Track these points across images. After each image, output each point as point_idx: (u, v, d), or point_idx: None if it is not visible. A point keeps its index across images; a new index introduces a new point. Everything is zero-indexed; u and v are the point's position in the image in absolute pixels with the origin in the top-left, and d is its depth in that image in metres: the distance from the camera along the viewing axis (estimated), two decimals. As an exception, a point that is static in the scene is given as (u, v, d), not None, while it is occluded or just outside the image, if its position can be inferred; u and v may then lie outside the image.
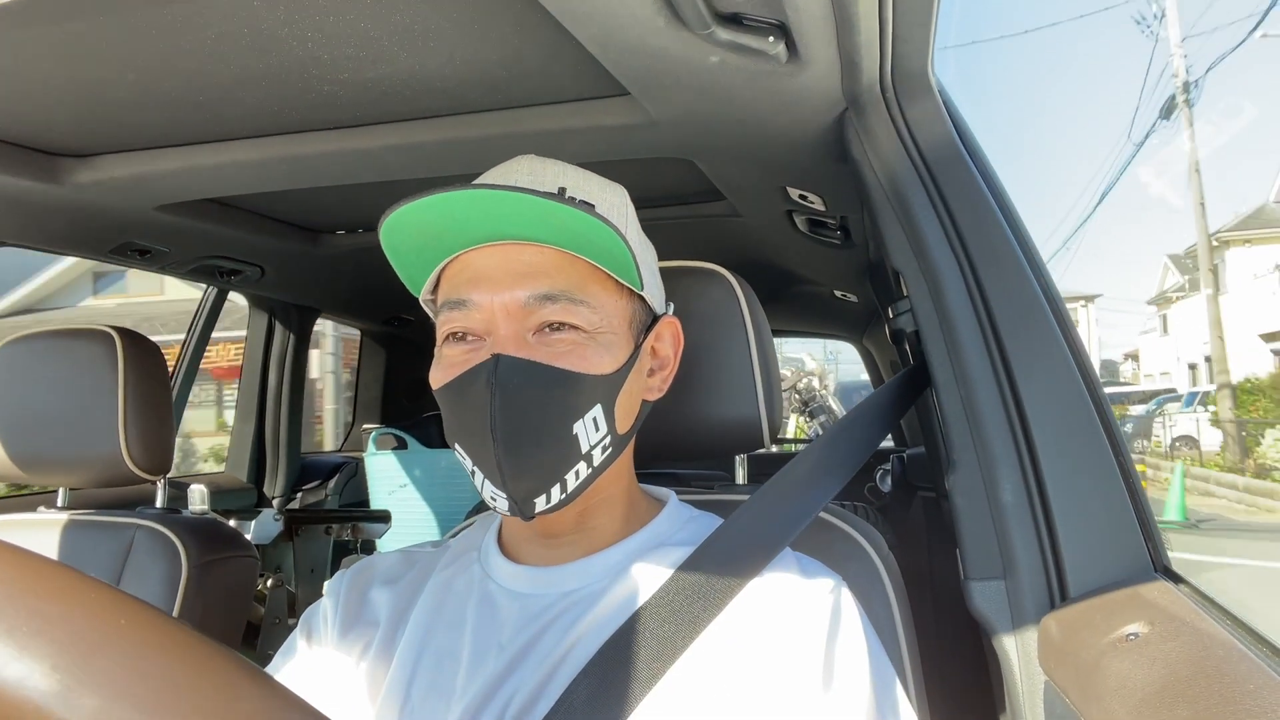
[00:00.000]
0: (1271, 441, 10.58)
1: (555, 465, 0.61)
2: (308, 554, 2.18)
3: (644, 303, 0.68)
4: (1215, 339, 12.77)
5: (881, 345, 2.86)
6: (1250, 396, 12.67)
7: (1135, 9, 15.36)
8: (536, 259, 0.61)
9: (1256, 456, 11.01)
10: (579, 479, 0.62)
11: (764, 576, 0.65)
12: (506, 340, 0.60)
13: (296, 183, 1.21)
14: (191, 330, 2.24)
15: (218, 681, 0.29)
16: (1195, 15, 31.42)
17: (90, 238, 1.44)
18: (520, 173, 0.65)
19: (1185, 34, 12.54)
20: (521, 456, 0.60)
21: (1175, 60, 12.55)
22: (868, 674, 0.60)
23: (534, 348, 0.61)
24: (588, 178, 0.67)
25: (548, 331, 0.61)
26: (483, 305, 0.61)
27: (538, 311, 0.61)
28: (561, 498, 0.62)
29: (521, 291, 0.60)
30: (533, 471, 0.60)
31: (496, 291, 0.61)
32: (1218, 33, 28.18)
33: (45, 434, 1.19)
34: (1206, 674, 0.48)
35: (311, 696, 0.66)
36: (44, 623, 0.27)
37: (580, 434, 0.61)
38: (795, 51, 0.77)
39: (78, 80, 0.90)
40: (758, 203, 1.37)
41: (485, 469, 0.61)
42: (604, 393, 0.62)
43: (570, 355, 0.61)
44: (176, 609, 1.14)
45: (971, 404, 0.75)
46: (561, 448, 0.61)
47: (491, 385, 0.59)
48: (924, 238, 0.80)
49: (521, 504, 0.61)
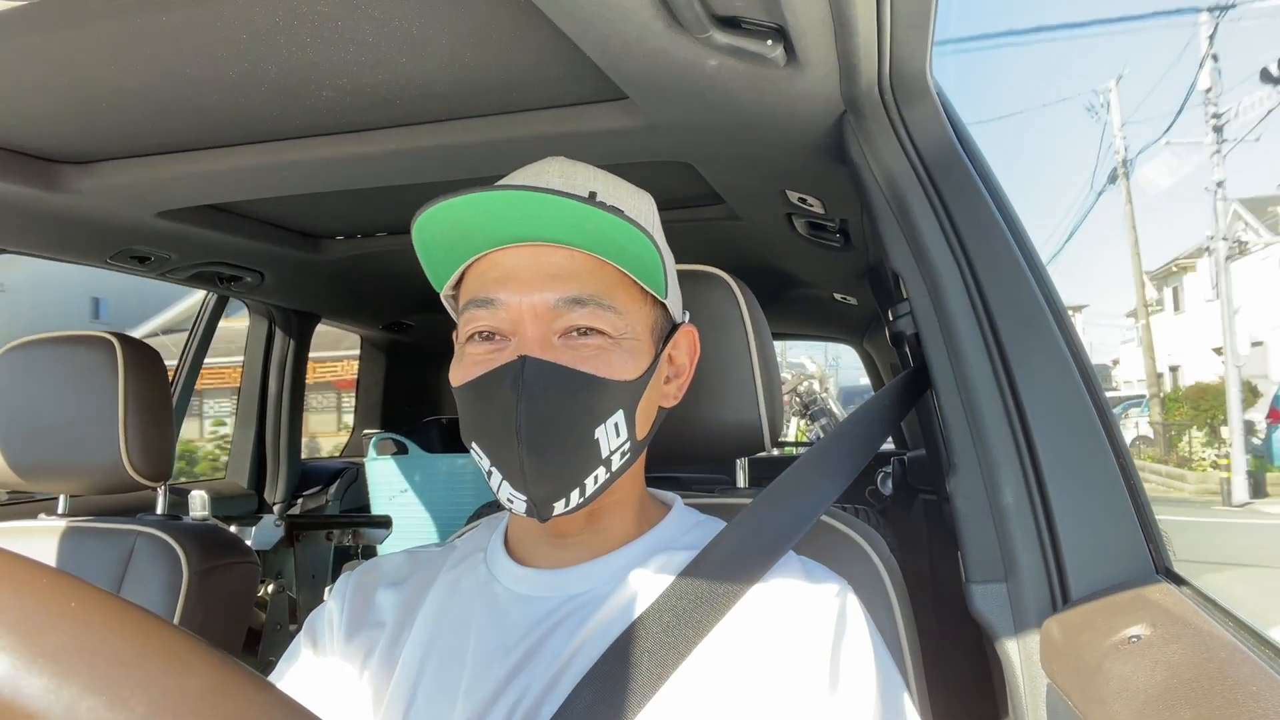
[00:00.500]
0: (1187, 440, 14.41)
1: (576, 469, 0.61)
2: (309, 560, 2.17)
3: (665, 311, 0.68)
4: (1147, 359, 16.35)
5: (881, 348, 2.86)
6: (1175, 404, 15.90)
7: (1086, 100, 19.79)
8: (566, 262, 0.61)
9: (1179, 450, 14.61)
10: (597, 483, 0.62)
11: (768, 580, 0.65)
12: (533, 342, 0.60)
13: (296, 188, 1.21)
14: (191, 337, 2.24)
15: (168, 657, 0.29)
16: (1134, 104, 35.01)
17: (90, 244, 1.44)
18: (551, 174, 0.65)
19: (1124, 120, 16.25)
20: (544, 459, 0.59)
21: (1116, 140, 16.30)
22: (874, 678, 0.60)
23: (560, 351, 0.61)
24: (618, 184, 0.67)
25: (574, 336, 0.61)
26: (510, 305, 0.61)
27: (565, 315, 0.61)
28: (579, 501, 0.62)
29: (551, 294, 0.60)
30: (554, 475, 0.60)
31: (526, 292, 0.61)
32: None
33: (46, 441, 1.19)
34: (1209, 676, 0.48)
35: (318, 699, 0.66)
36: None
37: (601, 439, 0.61)
38: (793, 55, 0.77)
39: (77, 87, 0.90)
40: (757, 206, 1.38)
41: (506, 470, 0.61)
42: (626, 399, 0.62)
43: (595, 360, 0.61)
44: (177, 615, 1.13)
45: (972, 406, 0.75)
46: (583, 452, 0.61)
47: (518, 387, 0.58)
48: (923, 240, 0.80)
49: (540, 506, 0.61)
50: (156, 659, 0.28)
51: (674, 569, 0.65)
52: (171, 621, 0.31)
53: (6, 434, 1.20)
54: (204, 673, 0.29)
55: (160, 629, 0.29)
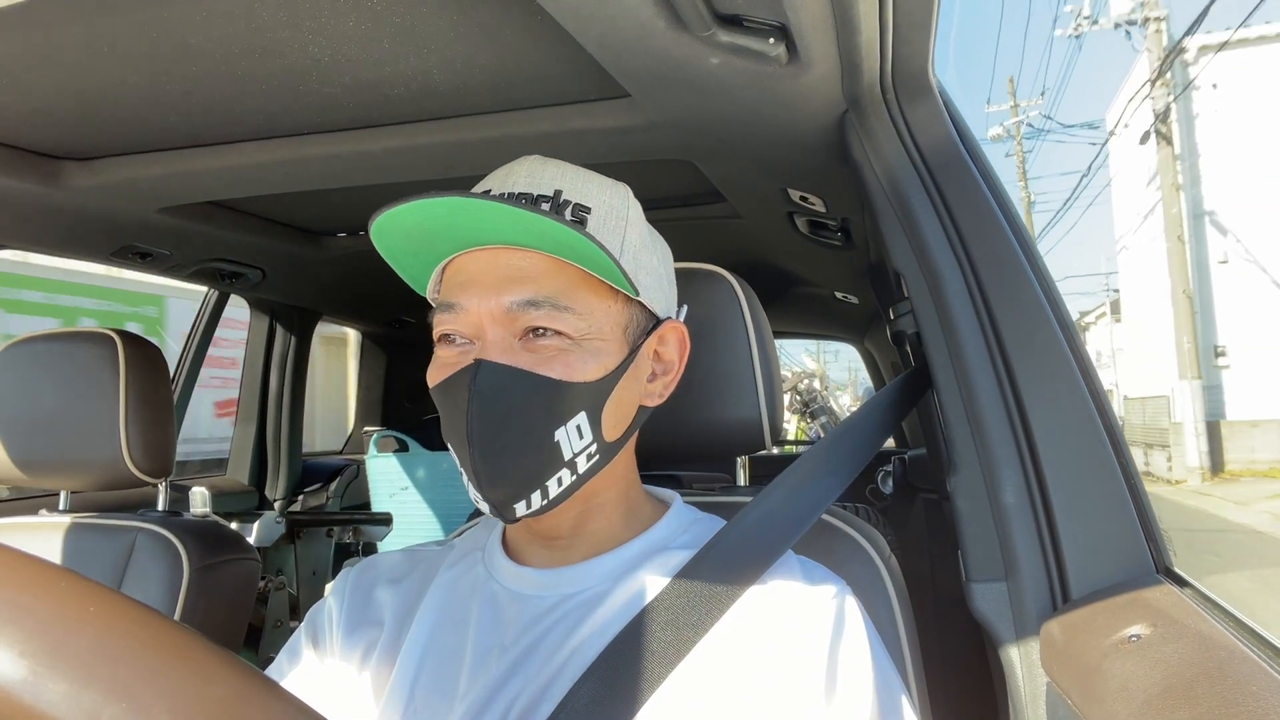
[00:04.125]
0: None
1: (535, 472, 0.61)
2: (309, 556, 2.18)
3: (643, 308, 0.67)
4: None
5: (883, 347, 2.85)
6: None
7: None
8: (524, 264, 0.61)
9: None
10: (561, 486, 0.62)
11: (766, 580, 0.65)
12: (492, 345, 0.60)
13: (297, 185, 1.21)
14: (192, 334, 2.24)
15: (189, 665, 0.29)
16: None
17: (91, 241, 1.44)
18: (519, 175, 0.65)
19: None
20: (496, 462, 0.60)
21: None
22: (871, 679, 0.60)
23: (519, 353, 0.61)
24: (588, 178, 0.66)
25: (532, 337, 0.61)
26: (470, 310, 0.61)
27: (521, 317, 0.61)
28: (544, 503, 0.62)
29: (506, 297, 0.61)
30: (509, 477, 0.60)
31: (484, 296, 0.61)
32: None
33: (46, 437, 1.19)
34: (1209, 676, 0.48)
35: (316, 696, 0.67)
36: (12, 611, 0.27)
37: (563, 441, 0.61)
38: (796, 53, 0.77)
39: (78, 83, 0.90)
40: (759, 204, 1.37)
41: (467, 472, 0.62)
42: (589, 400, 0.62)
43: (554, 362, 0.61)
44: (178, 612, 1.14)
45: (973, 405, 0.75)
46: (542, 454, 0.61)
47: (470, 390, 0.59)
48: (925, 239, 0.80)
49: (501, 508, 0.61)
50: (178, 666, 0.28)
51: (672, 568, 0.65)
52: (174, 618, 0.30)
53: (8, 430, 1.20)
54: (225, 681, 0.29)
55: (182, 636, 0.30)
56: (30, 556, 0.29)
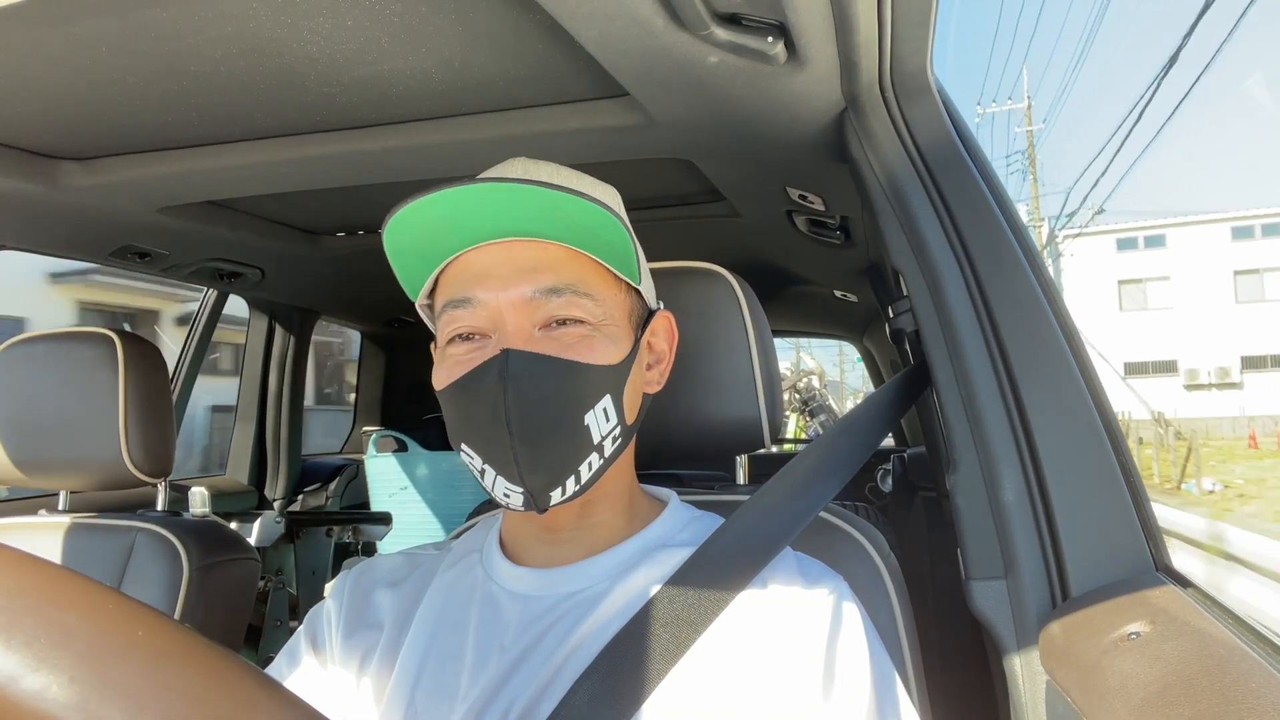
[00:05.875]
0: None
1: (570, 456, 0.61)
2: (309, 556, 2.18)
3: (640, 297, 0.68)
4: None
5: (882, 345, 2.85)
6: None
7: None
8: (540, 254, 0.62)
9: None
10: (591, 470, 0.62)
11: (764, 578, 0.65)
12: (514, 335, 0.60)
13: (296, 185, 1.21)
14: (191, 334, 2.24)
15: (237, 695, 0.29)
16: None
17: (90, 241, 1.44)
18: (514, 173, 0.65)
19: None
20: (538, 448, 0.60)
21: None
22: (869, 675, 0.60)
23: (541, 342, 0.61)
24: (580, 178, 0.68)
25: (554, 326, 0.62)
26: (488, 302, 0.61)
27: (544, 306, 0.61)
28: (576, 489, 0.62)
29: (527, 287, 0.61)
30: (549, 463, 0.60)
31: (503, 288, 0.61)
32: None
33: (46, 437, 1.19)
34: (1208, 673, 0.48)
35: (316, 699, 0.66)
36: (62, 634, 0.26)
37: (592, 425, 0.61)
38: (794, 52, 0.77)
39: (77, 83, 0.90)
40: (758, 203, 1.37)
41: (499, 464, 0.61)
42: (613, 383, 0.63)
43: (578, 347, 0.61)
44: (178, 611, 1.14)
45: (972, 403, 0.75)
46: (576, 439, 0.61)
47: (504, 379, 0.59)
48: (924, 237, 0.80)
49: (538, 496, 0.61)
50: (227, 696, 0.28)
51: (670, 566, 0.65)
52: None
53: (7, 430, 1.20)
54: (273, 712, 0.29)
55: (230, 665, 0.30)
56: (78, 575, 0.29)
